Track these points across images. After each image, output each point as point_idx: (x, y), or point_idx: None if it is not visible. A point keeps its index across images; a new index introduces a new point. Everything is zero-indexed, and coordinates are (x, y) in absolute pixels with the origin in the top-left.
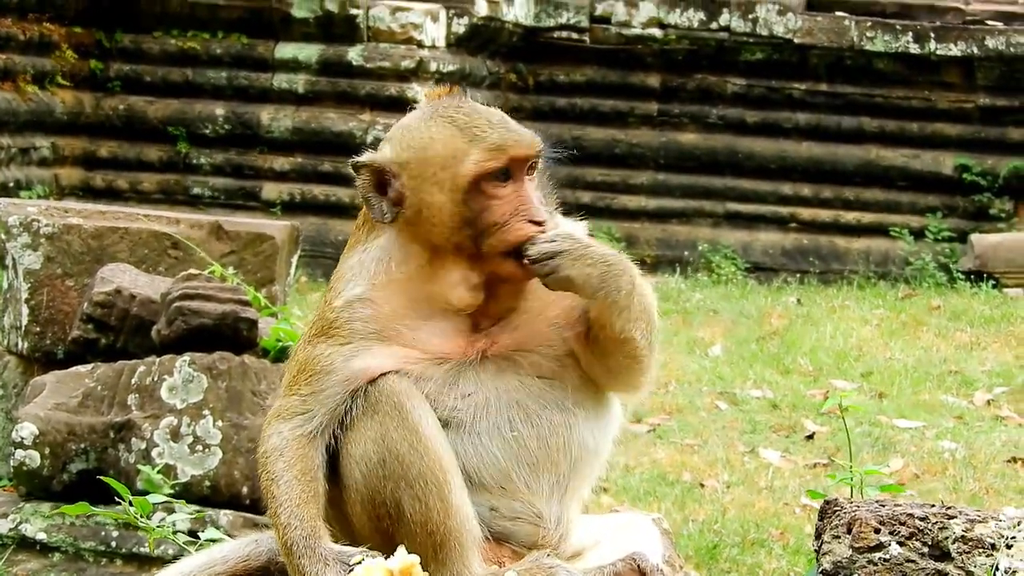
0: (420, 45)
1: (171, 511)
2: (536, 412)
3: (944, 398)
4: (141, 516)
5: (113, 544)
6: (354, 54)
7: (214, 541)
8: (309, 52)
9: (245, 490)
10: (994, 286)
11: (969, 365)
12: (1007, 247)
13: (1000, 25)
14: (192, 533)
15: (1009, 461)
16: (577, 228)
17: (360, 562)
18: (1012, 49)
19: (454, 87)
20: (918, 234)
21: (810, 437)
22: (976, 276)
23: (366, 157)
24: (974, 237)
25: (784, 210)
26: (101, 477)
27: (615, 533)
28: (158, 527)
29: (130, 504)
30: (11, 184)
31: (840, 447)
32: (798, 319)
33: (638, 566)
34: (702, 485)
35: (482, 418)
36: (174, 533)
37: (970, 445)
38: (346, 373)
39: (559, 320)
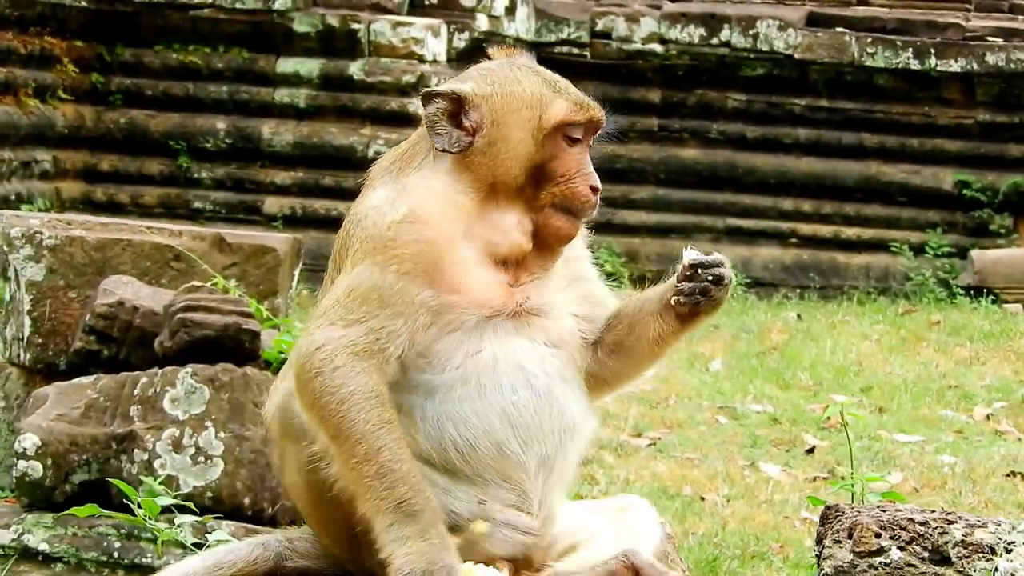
0: (421, 60)
1: (172, 522)
2: (536, 377)
3: (944, 413)
4: (149, 518)
5: (116, 554)
6: (355, 69)
7: (222, 542)
8: (310, 66)
9: (247, 501)
10: (993, 302)
11: (968, 380)
12: (1007, 263)
13: (1000, 41)
14: (196, 546)
15: (1008, 475)
16: (582, 232)
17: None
18: (1012, 65)
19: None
20: (918, 250)
21: (810, 451)
22: (976, 292)
23: (446, 86)
24: (974, 253)
25: (784, 225)
26: (110, 480)
27: (611, 521)
28: (166, 529)
29: (138, 506)
30: (12, 197)
31: (840, 461)
32: (798, 334)
33: (632, 563)
34: (702, 499)
35: (487, 378)
36: (179, 532)
37: (969, 459)
38: (422, 301)
39: (577, 312)
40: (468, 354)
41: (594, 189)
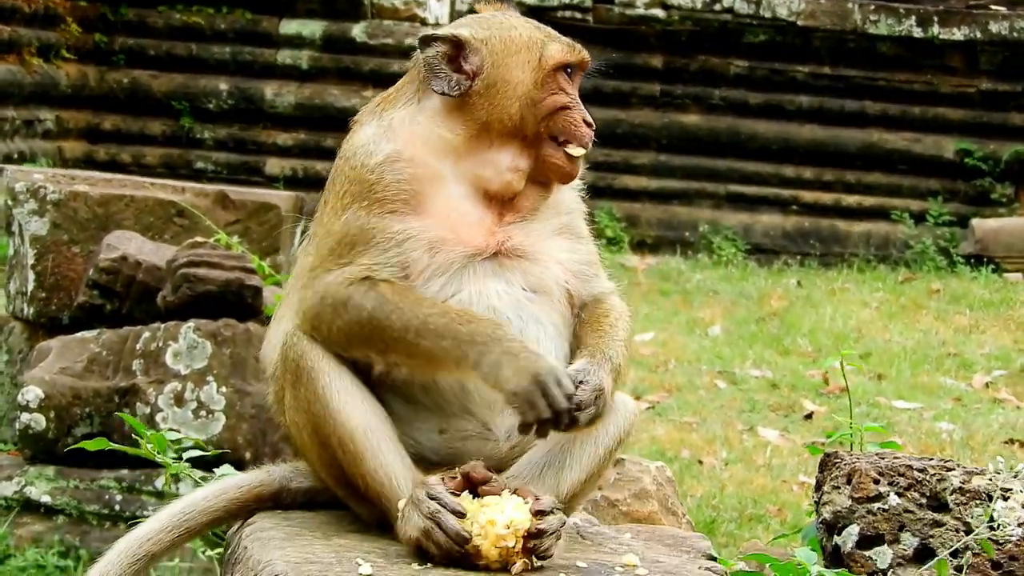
0: (424, 22)
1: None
2: (509, 320)
3: (943, 380)
4: (158, 452)
5: (117, 507)
6: (358, 31)
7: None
8: (313, 28)
9: (248, 455)
10: (994, 270)
11: (968, 348)
12: (1008, 232)
13: (1003, 10)
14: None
15: (1006, 442)
16: (576, 186)
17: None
18: (1015, 34)
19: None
20: (919, 218)
21: (808, 416)
22: (976, 260)
23: (445, 30)
24: (975, 221)
25: (786, 192)
26: (118, 413)
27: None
28: (174, 463)
29: (147, 442)
30: (15, 156)
31: (839, 427)
32: (798, 301)
33: (538, 511)
34: (700, 462)
35: None
36: (186, 467)
37: (968, 427)
38: (406, 235)
39: (563, 261)
40: (445, 296)
41: (588, 123)
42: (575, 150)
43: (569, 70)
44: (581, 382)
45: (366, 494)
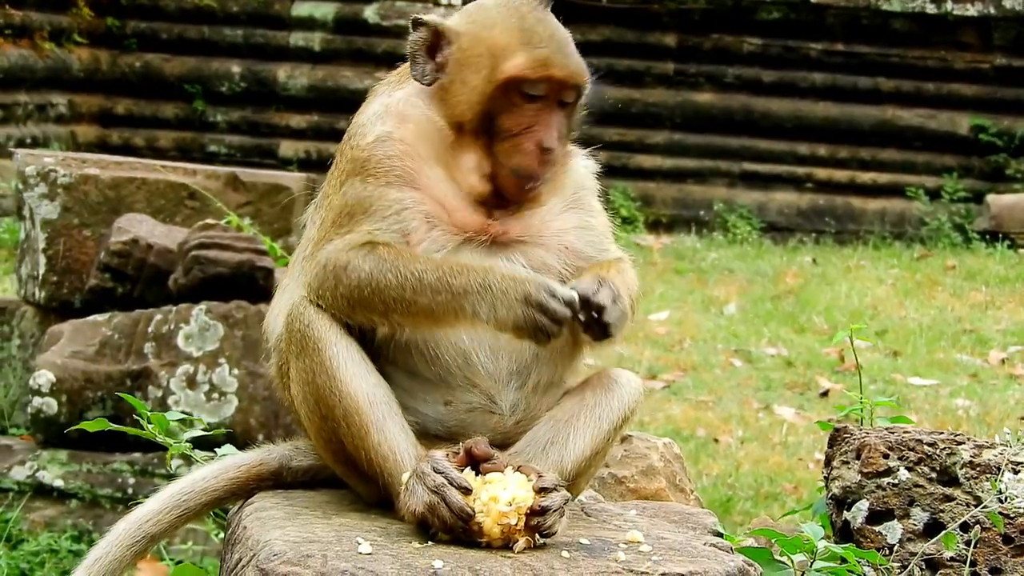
0: (437, 3)
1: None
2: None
3: (958, 357)
4: (159, 434)
5: (130, 491)
6: (370, 12)
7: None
8: (325, 10)
9: (261, 437)
10: (1010, 246)
11: (984, 324)
12: (1023, 207)
13: None
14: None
15: (1023, 418)
16: (589, 166)
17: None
18: None
19: None
20: (934, 194)
21: (824, 394)
22: (991, 236)
23: (430, 17)
24: (990, 197)
25: (800, 170)
26: (121, 395)
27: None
28: (176, 444)
29: (148, 422)
30: (28, 140)
31: (853, 404)
32: (813, 278)
33: (541, 488)
34: (716, 440)
35: None
36: (188, 447)
37: (984, 403)
38: (402, 205)
39: (568, 244)
40: None
41: (544, 149)
42: (521, 178)
43: (532, 86)
44: (596, 290)
45: (368, 469)
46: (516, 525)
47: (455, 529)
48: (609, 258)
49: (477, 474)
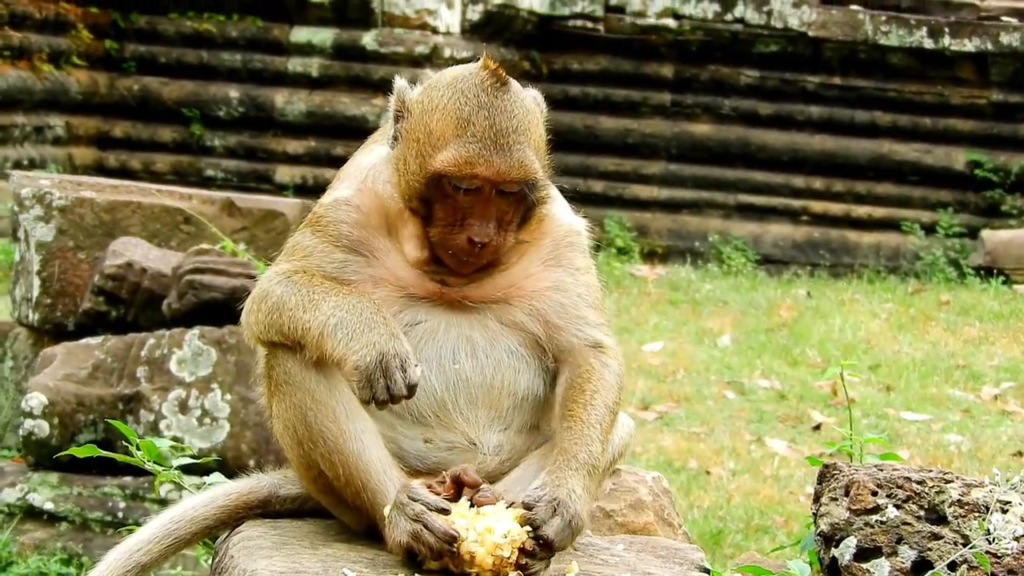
0: (434, 31)
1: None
2: (484, 349)
3: (951, 392)
4: (148, 460)
5: (120, 515)
6: (368, 39)
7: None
8: (324, 36)
9: (252, 463)
10: (1004, 282)
11: (977, 360)
12: (1018, 244)
13: (1014, 21)
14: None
15: (1015, 455)
16: (577, 223)
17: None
18: None
19: (499, 70)
20: (929, 229)
21: (817, 428)
22: (986, 272)
23: (400, 83)
24: (985, 233)
25: (796, 203)
26: (109, 421)
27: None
28: (164, 471)
29: (137, 448)
30: (25, 162)
31: (844, 438)
32: (807, 311)
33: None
34: (708, 472)
35: (427, 345)
36: (176, 474)
37: (976, 439)
38: (344, 264)
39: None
40: (409, 324)
41: (473, 243)
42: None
43: (460, 181)
44: (545, 520)
45: (355, 502)
46: (509, 558)
47: (443, 552)
48: (586, 343)
49: (471, 507)
